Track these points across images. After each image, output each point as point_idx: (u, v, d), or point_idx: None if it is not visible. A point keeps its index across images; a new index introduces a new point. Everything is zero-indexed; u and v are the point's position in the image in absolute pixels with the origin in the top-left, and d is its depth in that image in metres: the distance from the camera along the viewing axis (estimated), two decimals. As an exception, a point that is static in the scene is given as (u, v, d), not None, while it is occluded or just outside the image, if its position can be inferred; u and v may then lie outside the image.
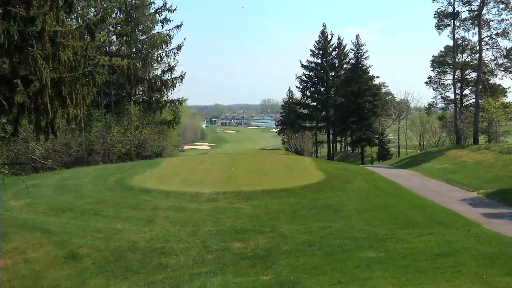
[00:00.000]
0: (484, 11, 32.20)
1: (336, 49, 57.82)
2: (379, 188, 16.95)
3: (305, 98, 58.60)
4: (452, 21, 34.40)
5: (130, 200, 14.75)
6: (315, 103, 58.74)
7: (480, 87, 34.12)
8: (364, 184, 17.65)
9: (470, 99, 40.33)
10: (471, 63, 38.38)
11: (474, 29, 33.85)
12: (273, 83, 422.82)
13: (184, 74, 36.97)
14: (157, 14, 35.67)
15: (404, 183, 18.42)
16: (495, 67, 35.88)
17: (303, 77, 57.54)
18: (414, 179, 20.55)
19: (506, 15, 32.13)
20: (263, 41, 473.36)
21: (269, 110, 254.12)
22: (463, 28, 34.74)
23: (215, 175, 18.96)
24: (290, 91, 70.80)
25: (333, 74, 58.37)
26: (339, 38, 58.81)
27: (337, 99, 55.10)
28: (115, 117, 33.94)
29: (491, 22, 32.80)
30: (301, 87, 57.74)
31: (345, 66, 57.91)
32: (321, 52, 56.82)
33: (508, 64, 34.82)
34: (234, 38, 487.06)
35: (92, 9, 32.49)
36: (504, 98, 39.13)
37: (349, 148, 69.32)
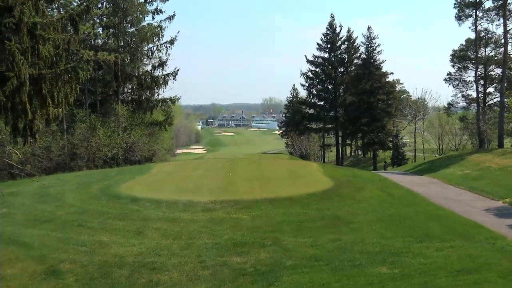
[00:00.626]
0: (510, 1, 32.26)
1: (346, 43, 57.98)
2: (393, 197, 16.92)
3: (311, 97, 58.72)
4: (474, 11, 34.49)
5: (117, 209, 14.74)
6: (322, 103, 58.85)
7: (505, 84, 34.13)
8: (377, 192, 17.63)
9: (495, 98, 40.36)
10: (496, 58, 38.38)
11: (498, 20, 33.95)
12: (275, 80, 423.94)
13: (178, 70, 37.06)
14: (147, 4, 35.79)
15: (421, 191, 18.39)
16: (523, 62, 35.97)
17: (309, 73, 57.66)
18: (432, 186, 20.51)
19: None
20: (265, 35, 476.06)
21: (271, 110, 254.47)
22: (487, 19, 34.85)
23: (211, 182, 18.95)
24: (294, 89, 71.08)
25: (342, 70, 58.49)
26: (348, 31, 59.03)
27: (347, 98, 55.22)
28: (101, 117, 34.02)
29: (517, 13, 32.87)
30: (307, 84, 57.87)
31: (355, 61, 58.06)
32: (329, 45, 56.96)
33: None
34: (232, 31, 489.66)
35: (76, -2, 32.73)
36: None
37: (360, 152, 69.39)
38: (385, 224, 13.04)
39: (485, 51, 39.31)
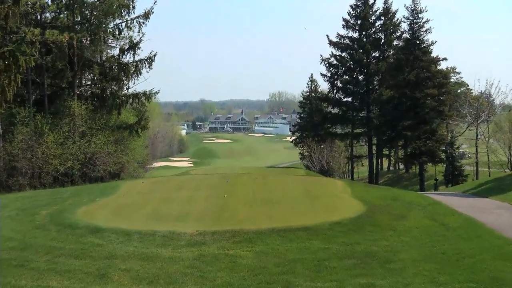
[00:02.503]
0: None
1: (382, 18, 58.43)
2: (448, 227, 16.86)
3: (335, 91, 59.09)
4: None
5: (72, 244, 14.75)
6: (350, 99, 59.17)
7: None
8: (425, 221, 17.59)
9: None
10: None
11: None
12: (286, 69, 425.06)
13: (154, 55, 37.43)
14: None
15: (486, 220, 18.30)
16: None
17: (332, 59, 58.04)
18: (501, 213, 20.41)
19: None
20: (272, 8, 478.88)
21: (281, 109, 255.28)
22: None
23: (200, 206, 18.94)
24: (312, 80, 71.69)
25: (377, 55, 58.83)
26: (385, 1, 59.48)
27: (383, 93, 55.39)
28: (50, 119, 34.22)
29: None
30: (329, 74, 58.25)
31: (395, 43, 58.38)
32: (359, 22, 57.38)
33: None
34: (228, 3, 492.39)
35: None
36: None
37: (401, 166, 69.32)
38: (437, 265, 12.98)
39: None
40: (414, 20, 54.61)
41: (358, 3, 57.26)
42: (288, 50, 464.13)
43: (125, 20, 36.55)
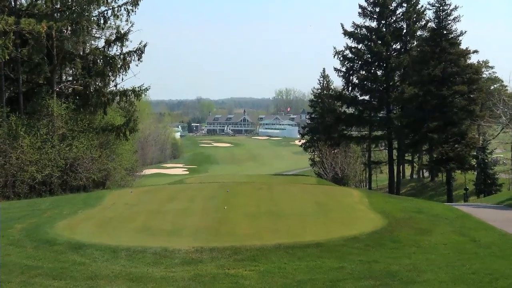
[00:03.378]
0: None
1: (404, 5, 58.49)
2: (479, 244, 16.82)
3: (350, 88, 59.16)
4: None
5: (51, 262, 14.76)
6: (367, 97, 59.13)
7: None
8: (453, 236, 17.57)
9: None
10: None
11: None
12: (295, 63, 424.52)
13: (145, 46, 37.45)
14: None
15: (524, 235, 18.26)
16: None
17: (347, 52, 58.13)
18: (541, 227, 20.35)
19: None
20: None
21: (288, 109, 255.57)
22: None
23: (196, 219, 18.95)
24: (325, 76, 71.64)
25: (399, 47, 58.86)
26: (408, -15, 59.41)
27: (406, 90, 55.38)
28: (26, 120, 34.26)
29: None
30: (344, 69, 58.38)
31: (419, 33, 58.33)
32: (377, 9, 57.46)
33: None
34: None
35: None
36: None
37: (426, 174, 69.18)
38: (467, 287, 12.96)
39: None
40: (441, 7, 54.58)
41: (377, -12, 57.36)
42: (297, 42, 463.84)
43: (111, 7, 36.60)
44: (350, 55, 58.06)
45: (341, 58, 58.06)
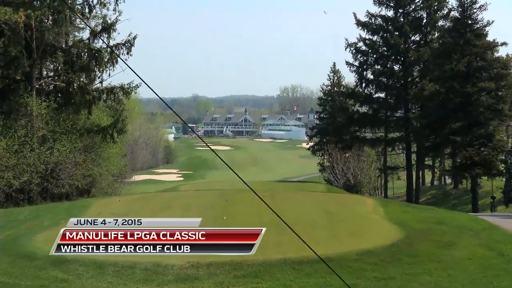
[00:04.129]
0: None
1: (424, -8, 58.33)
2: (508, 259, 16.83)
3: (363, 85, 59.05)
4: None
5: (29, 279, 14.79)
6: (383, 94, 59.02)
7: None
8: (479, 250, 17.57)
9: None
10: None
11: None
12: (302, 57, 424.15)
13: (134, 38, 37.46)
14: None
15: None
16: None
17: (360, 44, 58.09)
18: None
19: None
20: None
21: (295, 108, 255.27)
22: None
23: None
24: (335, 71, 71.61)
25: (418, 38, 58.79)
26: (428, -30, 59.42)
27: (426, 86, 55.28)
28: (2, 120, 34.30)
29: None
30: (357, 63, 58.29)
31: (440, 23, 58.31)
32: (394, -4, 57.31)
33: None
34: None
35: None
36: None
37: (448, 181, 68.99)
38: (495, 306, 12.97)
39: None
40: (465, -6, 54.62)
41: (394, -27, 57.30)
42: (305, 32, 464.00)
43: (96, -6, 36.73)
44: (363, 47, 57.93)
45: (354, 51, 57.93)
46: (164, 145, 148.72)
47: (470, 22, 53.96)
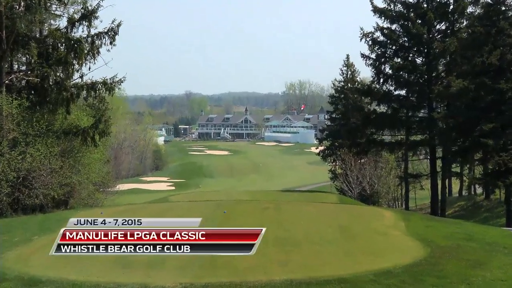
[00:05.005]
0: None
1: (450, -26, 58.30)
2: (549, 280, 16.74)
3: (381, 81, 58.94)
4: None
5: (-2, 302, 14.74)
6: (403, 91, 58.98)
7: None
8: (515, 269, 17.48)
9: None
10: None
11: None
12: (310, 50, 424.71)
13: (118, 25, 37.42)
14: None
15: None
16: None
17: (377, 34, 57.98)
18: None
19: None
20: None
21: (302, 107, 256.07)
22: None
23: (184, 248, 18.91)
24: (348, 64, 71.64)
25: (444, 27, 58.66)
26: (455, -51, 59.45)
27: (453, 82, 55.21)
28: (-33, 120, 34.34)
29: None
30: (373, 56, 58.12)
31: (470, 10, 58.23)
32: (416, -20, 57.28)
33: None
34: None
35: None
36: None
37: (478, 190, 68.97)
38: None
39: None
40: (498, -23, 54.62)
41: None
42: (314, 21, 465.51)
43: (74, -22, 36.80)
44: (381, 38, 57.75)
45: (370, 42, 57.70)
46: (153, 149, 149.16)
47: (504, 8, 53.89)
